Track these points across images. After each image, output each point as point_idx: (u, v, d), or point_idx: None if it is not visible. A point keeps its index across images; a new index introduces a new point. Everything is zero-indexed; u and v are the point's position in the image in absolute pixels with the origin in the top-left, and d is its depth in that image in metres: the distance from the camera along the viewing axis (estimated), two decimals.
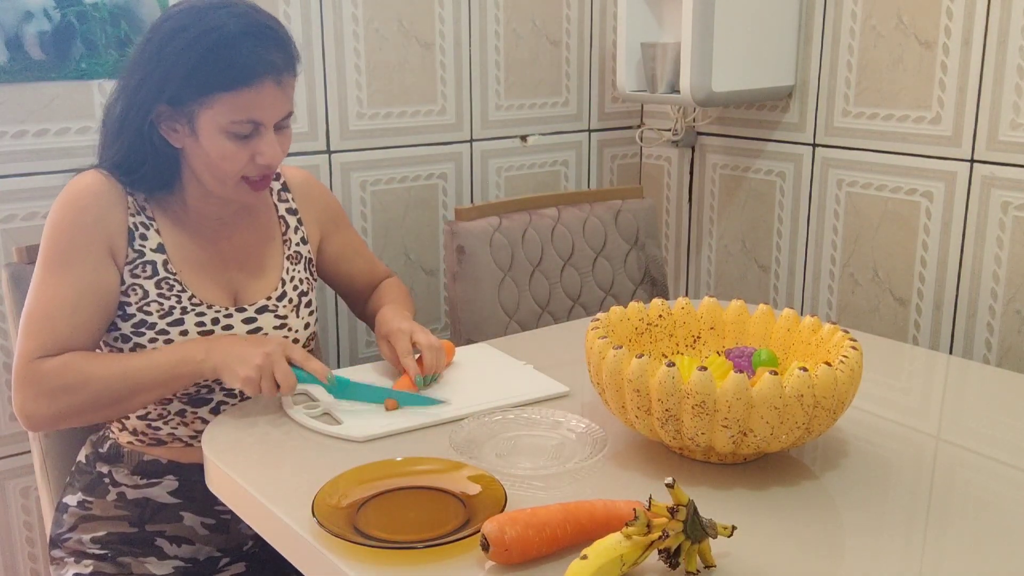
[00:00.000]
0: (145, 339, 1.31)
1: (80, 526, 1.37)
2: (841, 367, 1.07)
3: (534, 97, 2.30)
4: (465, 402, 1.31)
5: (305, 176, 1.53)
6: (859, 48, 2.00)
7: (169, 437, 1.37)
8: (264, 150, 1.28)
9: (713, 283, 2.42)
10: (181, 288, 1.33)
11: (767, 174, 2.24)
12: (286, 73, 1.28)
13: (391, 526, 0.98)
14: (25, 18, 1.63)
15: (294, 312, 1.42)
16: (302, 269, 1.46)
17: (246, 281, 1.40)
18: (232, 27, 1.24)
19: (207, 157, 1.27)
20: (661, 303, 1.31)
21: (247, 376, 1.22)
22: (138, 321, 1.31)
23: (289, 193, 1.49)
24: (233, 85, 1.23)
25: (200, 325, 1.33)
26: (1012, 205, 1.80)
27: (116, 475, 1.38)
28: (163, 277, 1.32)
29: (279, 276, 1.43)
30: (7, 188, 1.68)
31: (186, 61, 1.23)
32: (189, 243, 1.36)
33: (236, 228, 1.41)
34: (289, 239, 1.46)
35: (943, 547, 0.98)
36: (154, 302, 1.31)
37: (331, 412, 1.27)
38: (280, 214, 1.47)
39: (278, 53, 1.27)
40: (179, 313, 1.32)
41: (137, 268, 1.31)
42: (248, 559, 1.42)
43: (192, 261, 1.35)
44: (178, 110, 1.26)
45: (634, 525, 0.88)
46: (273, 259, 1.43)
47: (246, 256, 1.41)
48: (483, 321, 1.89)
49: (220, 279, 1.37)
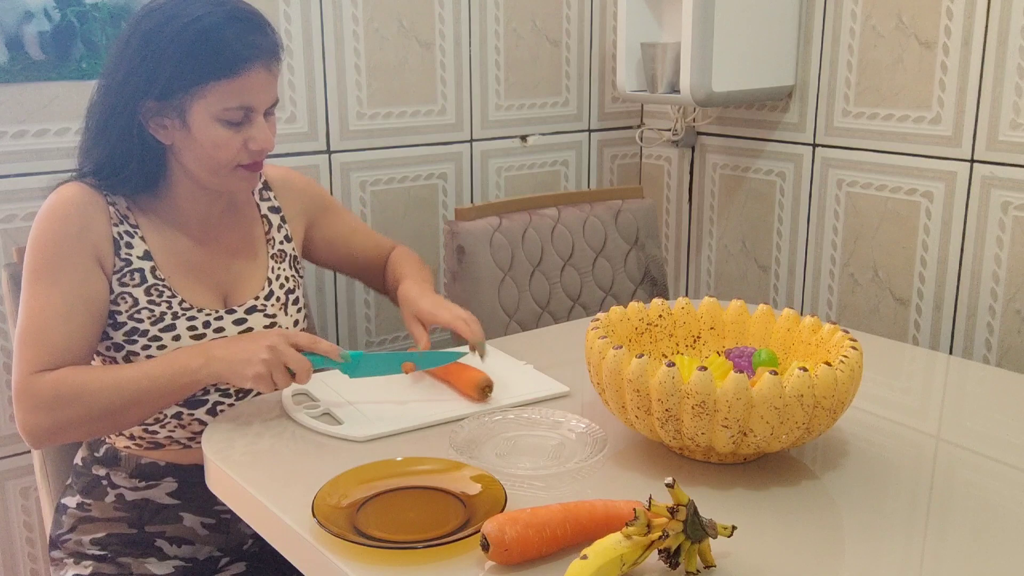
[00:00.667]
0: (138, 347, 1.30)
1: (79, 527, 1.37)
2: (841, 367, 1.07)
3: (534, 97, 2.30)
4: (465, 402, 1.31)
5: (284, 171, 1.54)
6: (859, 48, 2.00)
7: (167, 440, 1.37)
8: (256, 135, 1.29)
9: (713, 283, 2.42)
10: (171, 293, 1.32)
11: (767, 174, 2.24)
12: (273, 58, 1.30)
13: (391, 526, 0.98)
14: (25, 18, 1.63)
15: (282, 310, 1.42)
16: (287, 267, 1.46)
17: (234, 282, 1.40)
18: (217, 15, 1.24)
19: (200, 148, 1.27)
20: (661, 303, 1.31)
21: (257, 374, 1.21)
22: (130, 329, 1.30)
23: (270, 191, 1.49)
24: (226, 73, 1.24)
25: (192, 329, 1.32)
26: (1012, 205, 1.80)
27: (114, 478, 1.37)
28: (152, 284, 1.32)
29: (265, 276, 1.42)
30: (7, 188, 1.68)
31: (174, 53, 1.23)
32: (176, 247, 1.35)
33: (221, 229, 1.41)
34: (272, 238, 1.46)
35: (943, 547, 0.98)
36: (145, 309, 1.30)
37: (331, 412, 1.27)
38: (263, 213, 1.46)
39: (263, 39, 1.28)
40: (170, 319, 1.31)
41: (125, 276, 1.31)
42: (248, 559, 1.42)
43: (180, 265, 1.35)
44: (167, 104, 1.26)
45: (634, 525, 0.88)
46: (259, 259, 1.43)
47: (232, 257, 1.40)
48: (483, 321, 1.88)
49: (209, 282, 1.37)
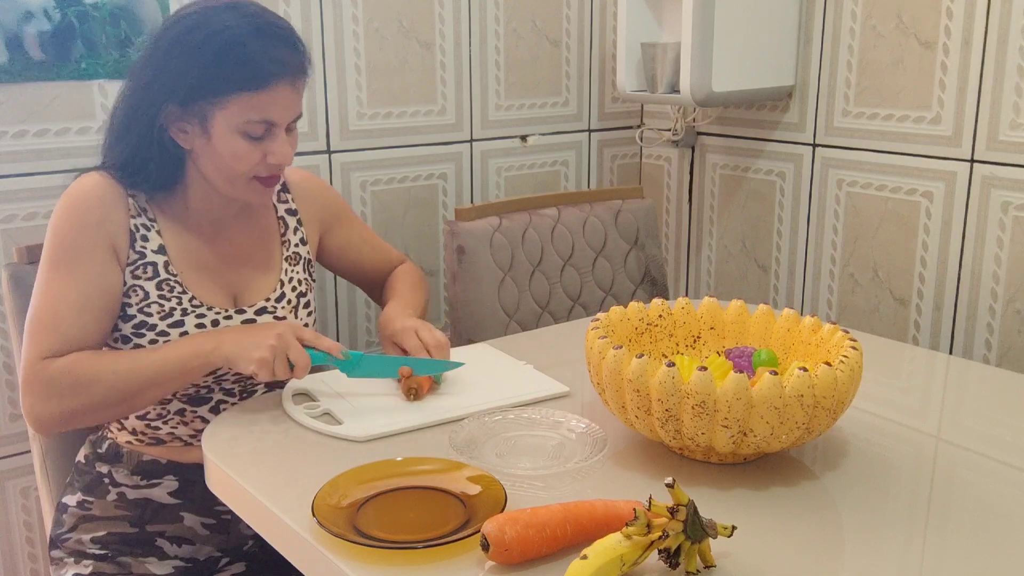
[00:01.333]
0: (145, 340, 1.31)
1: (80, 526, 1.37)
2: (841, 367, 1.07)
3: (534, 97, 2.30)
4: (465, 402, 1.31)
5: (304, 175, 1.54)
6: (859, 48, 2.00)
7: (169, 436, 1.37)
8: (276, 150, 1.29)
9: (713, 283, 2.42)
10: (182, 290, 1.33)
11: (767, 174, 2.24)
12: (300, 75, 1.30)
13: (391, 526, 0.98)
14: (25, 18, 1.63)
15: (292, 313, 1.42)
16: (301, 270, 1.46)
17: (246, 282, 1.40)
18: (243, 28, 1.24)
19: (218, 157, 1.28)
20: (661, 303, 1.31)
21: (261, 358, 1.23)
22: (139, 322, 1.31)
23: (289, 194, 1.49)
24: (249, 86, 1.24)
25: (200, 327, 1.33)
26: (1012, 205, 1.80)
27: (116, 475, 1.38)
28: (164, 279, 1.32)
29: (278, 277, 1.43)
30: (7, 188, 1.68)
31: (200, 61, 1.24)
32: (190, 244, 1.36)
33: (236, 229, 1.41)
34: (288, 240, 1.46)
35: (943, 547, 0.98)
36: (155, 303, 1.31)
37: (331, 412, 1.27)
38: (280, 215, 1.47)
39: (291, 54, 1.28)
40: (179, 315, 1.32)
41: (138, 269, 1.31)
42: (248, 559, 1.42)
43: (193, 263, 1.36)
44: (188, 110, 1.26)
45: (634, 525, 0.88)
46: (272, 260, 1.44)
47: (246, 257, 1.41)
48: (483, 321, 1.89)
49: (220, 280, 1.38)
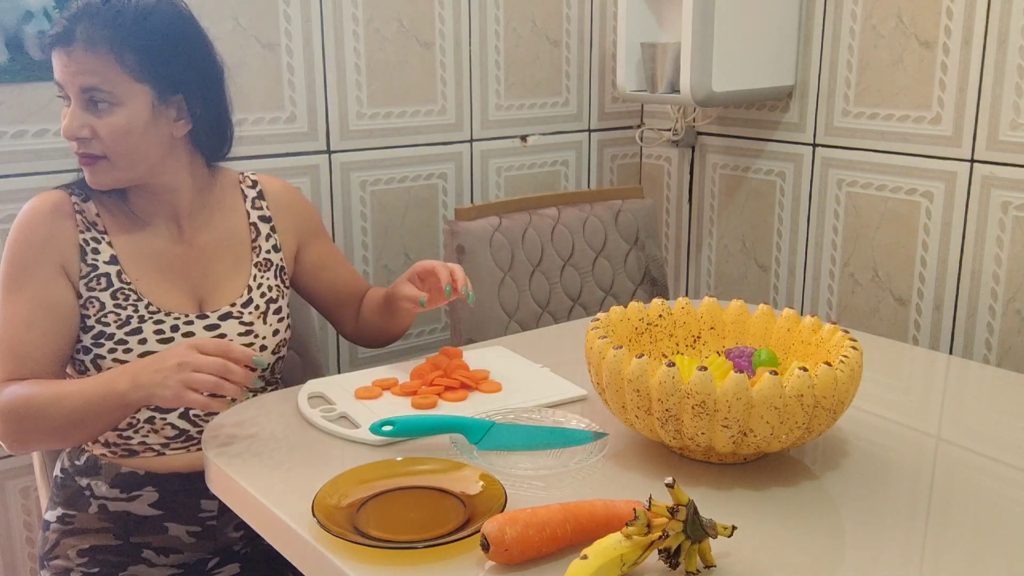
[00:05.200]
0: (104, 350, 1.30)
1: (63, 542, 1.36)
2: (841, 367, 1.07)
3: (534, 97, 2.30)
4: (484, 408, 1.28)
5: (283, 185, 1.52)
6: (859, 48, 2.00)
7: (141, 447, 1.35)
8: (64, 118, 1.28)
9: (713, 283, 2.42)
10: (137, 297, 1.32)
11: (767, 174, 2.24)
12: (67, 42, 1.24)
13: (391, 526, 0.98)
14: (25, 18, 1.63)
15: (261, 319, 1.40)
16: (272, 276, 1.44)
17: (212, 286, 1.39)
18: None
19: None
20: (661, 303, 1.31)
21: (176, 395, 1.15)
22: (97, 332, 1.31)
23: (264, 201, 1.47)
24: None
25: (159, 333, 1.32)
26: (1012, 205, 1.80)
27: (96, 488, 1.36)
28: (118, 288, 1.32)
29: (246, 283, 1.41)
30: (7, 188, 1.68)
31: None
32: (148, 249, 1.36)
33: (197, 232, 1.40)
34: (259, 246, 1.45)
35: (943, 547, 0.98)
36: (111, 313, 1.31)
37: (348, 415, 1.27)
38: (252, 221, 1.45)
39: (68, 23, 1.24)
40: (137, 322, 1.31)
41: (92, 281, 1.32)
42: (242, 560, 1.41)
43: (151, 268, 1.35)
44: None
45: (634, 525, 0.88)
46: (240, 265, 1.42)
47: (210, 261, 1.40)
48: (483, 321, 1.89)
49: (182, 285, 1.37)
